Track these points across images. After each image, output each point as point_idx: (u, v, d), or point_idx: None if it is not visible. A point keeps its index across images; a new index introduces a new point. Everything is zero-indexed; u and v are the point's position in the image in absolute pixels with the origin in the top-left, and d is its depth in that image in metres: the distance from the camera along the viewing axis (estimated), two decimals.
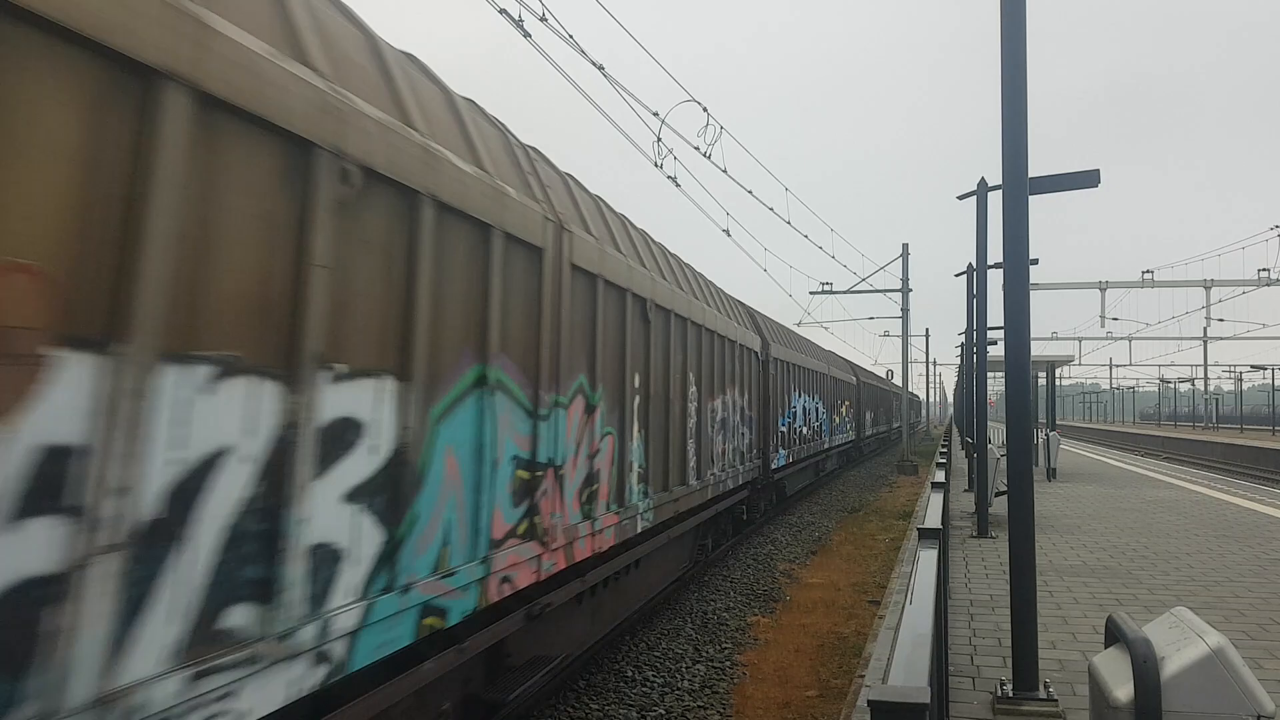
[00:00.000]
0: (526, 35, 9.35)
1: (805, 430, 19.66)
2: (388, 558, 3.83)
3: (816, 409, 21.64)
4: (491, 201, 4.81)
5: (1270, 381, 67.24)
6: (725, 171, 16.21)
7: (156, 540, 2.64)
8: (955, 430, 42.51)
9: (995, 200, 12.09)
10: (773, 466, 15.34)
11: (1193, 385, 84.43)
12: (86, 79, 2.46)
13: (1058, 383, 27.64)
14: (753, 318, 15.30)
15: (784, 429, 16.74)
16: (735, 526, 14.25)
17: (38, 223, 2.36)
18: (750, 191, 19.32)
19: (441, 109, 4.74)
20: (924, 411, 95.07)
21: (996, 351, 15.66)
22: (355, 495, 3.61)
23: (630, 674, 7.80)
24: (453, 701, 5.06)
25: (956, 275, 16.85)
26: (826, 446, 23.36)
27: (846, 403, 28.23)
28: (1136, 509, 14.80)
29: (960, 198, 12.33)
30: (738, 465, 12.24)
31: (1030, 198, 5.40)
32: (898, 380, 58.42)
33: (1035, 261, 11.04)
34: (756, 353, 13.95)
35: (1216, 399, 77.41)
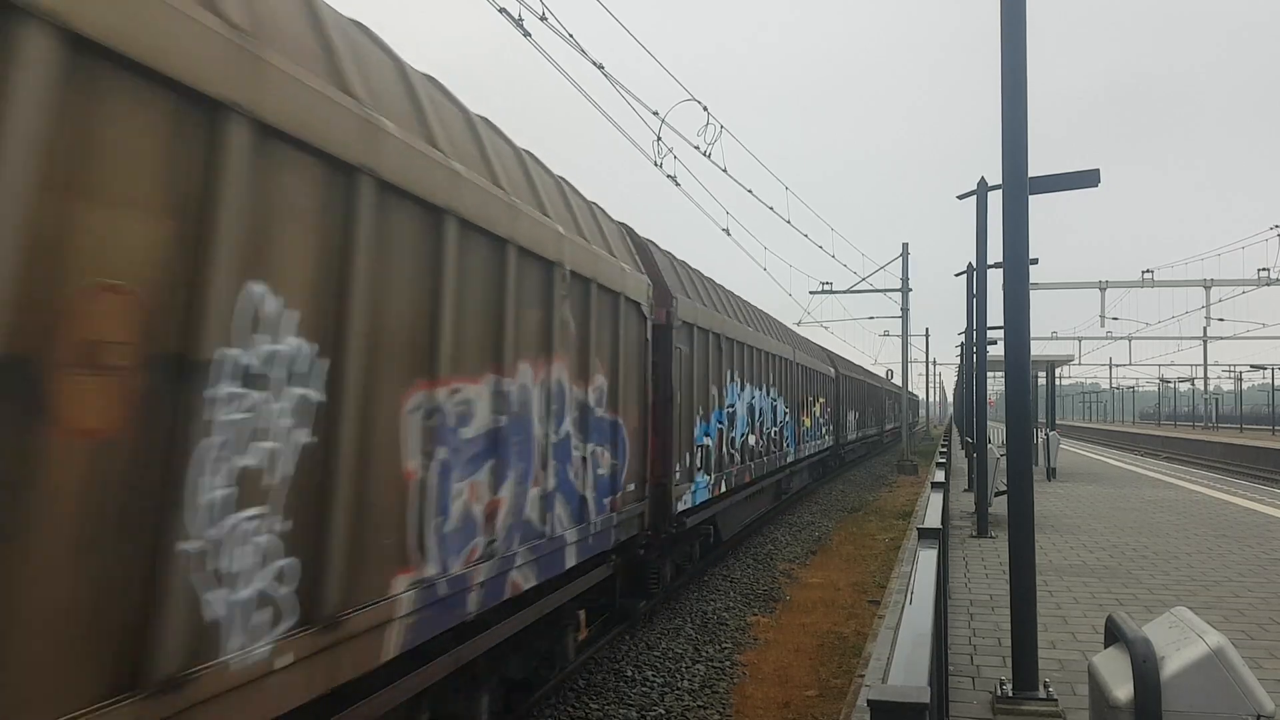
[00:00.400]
0: (526, 34, 9.35)
1: (753, 441, 13.79)
2: None
3: (774, 409, 15.64)
4: None
5: (1270, 381, 67.26)
6: (725, 171, 16.22)
7: None
8: (955, 430, 42.51)
9: (995, 200, 12.09)
10: (684, 507, 9.55)
11: (1192, 385, 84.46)
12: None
13: (1057, 382, 27.62)
14: (643, 252, 9.20)
15: (708, 442, 10.84)
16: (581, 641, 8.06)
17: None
18: (750, 190, 19.32)
19: None
20: (923, 411, 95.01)
21: (996, 351, 15.67)
22: None
23: (630, 674, 7.80)
24: None
25: (956, 275, 16.86)
26: (791, 460, 17.54)
27: (821, 400, 22.20)
28: (1136, 509, 14.80)
29: (960, 197, 12.34)
30: (563, 529, 6.03)
31: (1030, 197, 5.40)
32: (898, 380, 57.89)
33: (1035, 261, 11.03)
34: (639, 305, 7.91)
35: (1216, 399, 77.44)
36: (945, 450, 17.21)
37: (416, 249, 4.17)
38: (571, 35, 9.60)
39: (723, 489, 11.67)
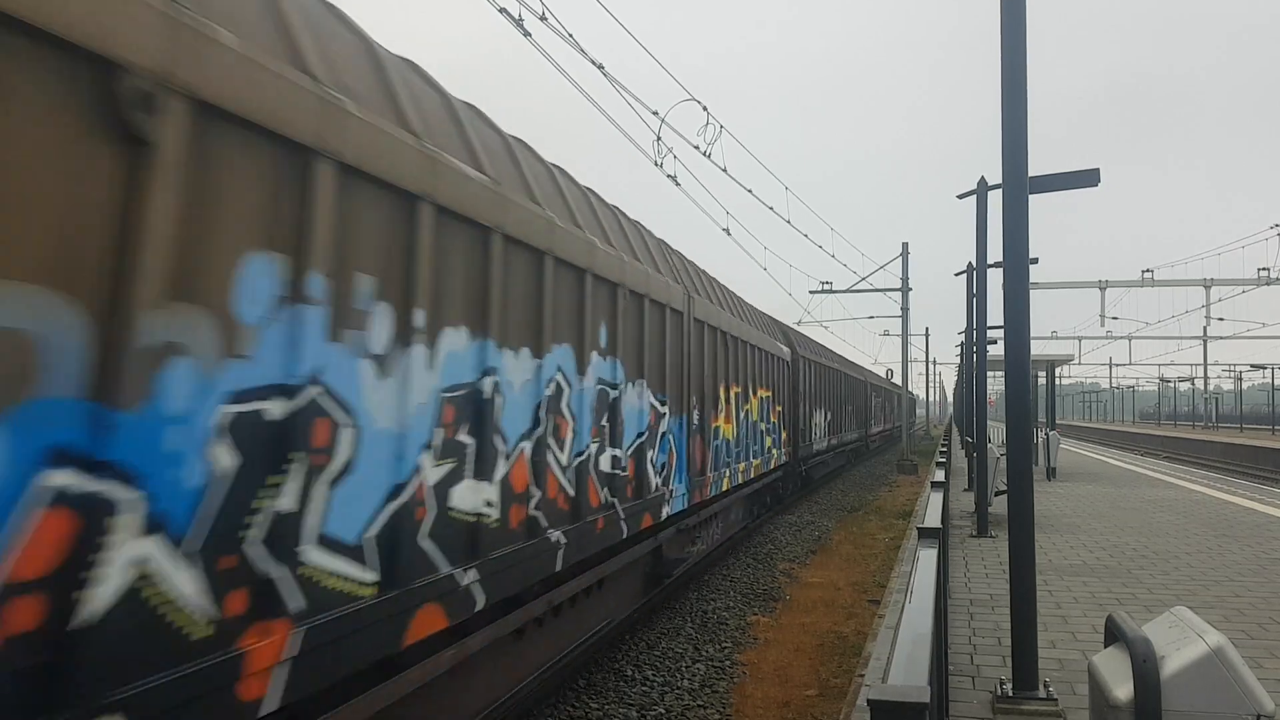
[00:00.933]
0: (526, 34, 9.35)
1: (493, 500, 5.15)
2: None
3: (618, 407, 7.39)
4: None
5: (1270, 381, 67.25)
6: (725, 170, 16.22)
7: None
8: (955, 430, 42.49)
9: (995, 199, 12.08)
10: None
11: (1192, 385, 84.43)
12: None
13: (1057, 382, 27.61)
14: None
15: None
16: None
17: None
18: (750, 190, 19.32)
19: None
20: (922, 411, 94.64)
21: (996, 351, 15.67)
22: None
23: (630, 673, 7.80)
24: None
25: (956, 275, 16.86)
26: (680, 509, 9.49)
27: (763, 393, 14.48)
28: (1136, 508, 14.80)
29: (960, 197, 12.33)
30: None
31: (1030, 197, 5.40)
32: (898, 379, 57.10)
33: (1035, 261, 11.02)
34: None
35: (1216, 398, 77.43)
36: (945, 450, 17.22)
37: None
38: (571, 35, 9.61)
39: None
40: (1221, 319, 49.11)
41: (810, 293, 35.84)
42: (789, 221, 23.89)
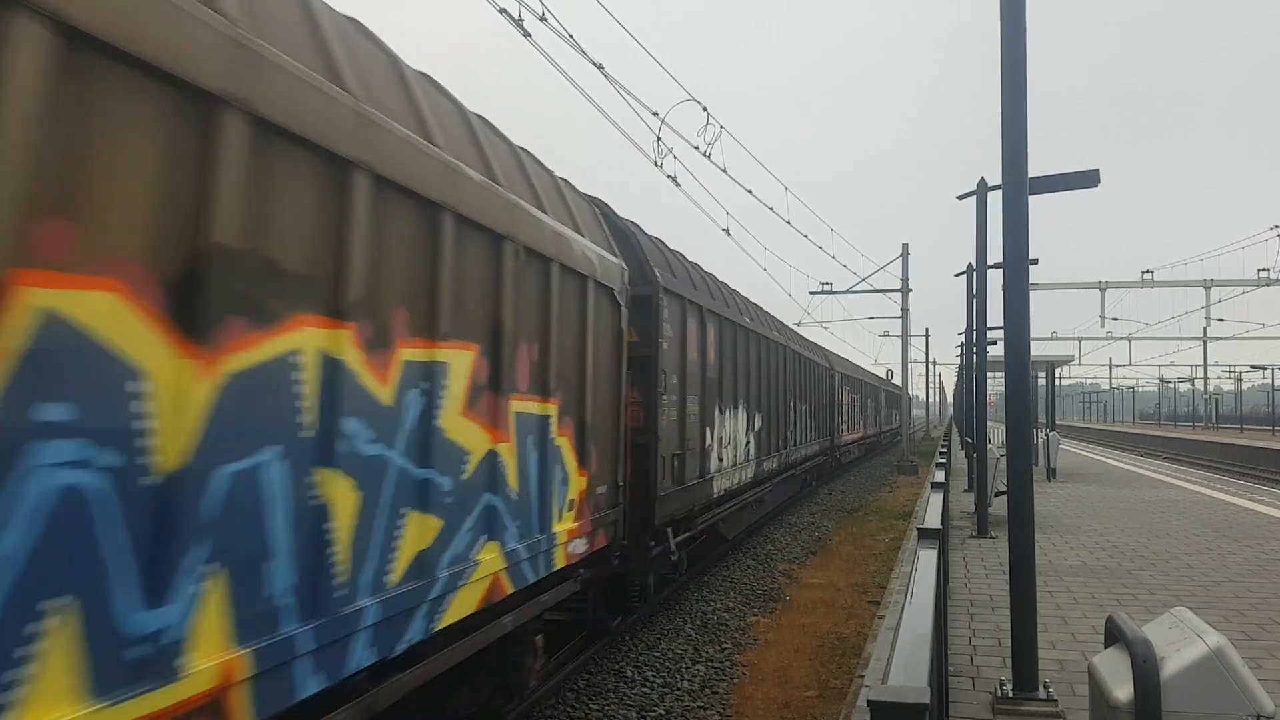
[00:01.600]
0: (526, 35, 9.35)
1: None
2: None
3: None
4: None
5: (1270, 381, 67.26)
6: (725, 171, 16.22)
7: None
8: (955, 430, 42.46)
9: (995, 200, 12.08)
10: None
11: (1192, 385, 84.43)
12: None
13: (1057, 382, 27.58)
14: None
15: None
16: None
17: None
18: (750, 191, 19.32)
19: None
20: (919, 412, 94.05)
21: (996, 351, 15.67)
22: None
23: (630, 674, 7.79)
24: None
25: (956, 275, 16.86)
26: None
27: (409, 347, 4.13)
28: (1136, 509, 14.80)
29: (960, 198, 12.33)
30: None
31: (1030, 198, 5.40)
32: (899, 379, 56.62)
33: (1035, 261, 11.00)
34: None
35: (1216, 399, 77.43)
36: (945, 451, 17.22)
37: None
38: (571, 36, 9.61)
39: None
40: (1221, 320, 49.13)
41: (810, 293, 35.89)
42: (789, 222, 23.91)
